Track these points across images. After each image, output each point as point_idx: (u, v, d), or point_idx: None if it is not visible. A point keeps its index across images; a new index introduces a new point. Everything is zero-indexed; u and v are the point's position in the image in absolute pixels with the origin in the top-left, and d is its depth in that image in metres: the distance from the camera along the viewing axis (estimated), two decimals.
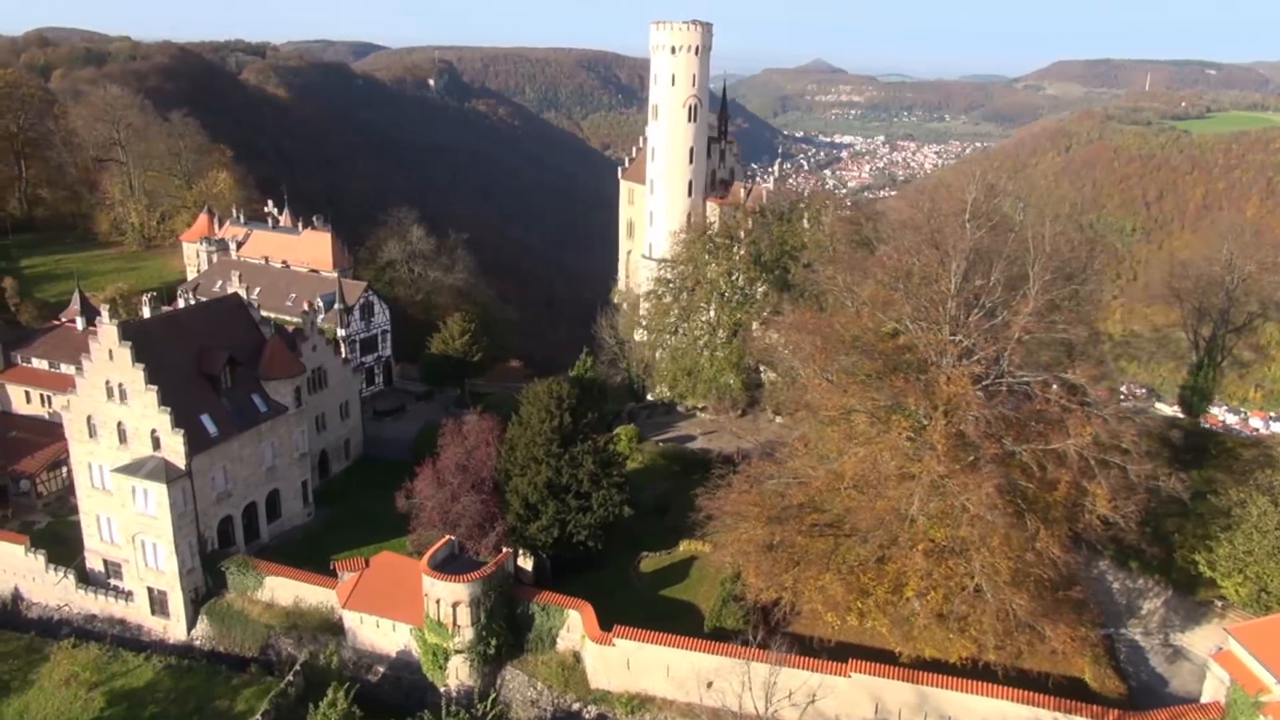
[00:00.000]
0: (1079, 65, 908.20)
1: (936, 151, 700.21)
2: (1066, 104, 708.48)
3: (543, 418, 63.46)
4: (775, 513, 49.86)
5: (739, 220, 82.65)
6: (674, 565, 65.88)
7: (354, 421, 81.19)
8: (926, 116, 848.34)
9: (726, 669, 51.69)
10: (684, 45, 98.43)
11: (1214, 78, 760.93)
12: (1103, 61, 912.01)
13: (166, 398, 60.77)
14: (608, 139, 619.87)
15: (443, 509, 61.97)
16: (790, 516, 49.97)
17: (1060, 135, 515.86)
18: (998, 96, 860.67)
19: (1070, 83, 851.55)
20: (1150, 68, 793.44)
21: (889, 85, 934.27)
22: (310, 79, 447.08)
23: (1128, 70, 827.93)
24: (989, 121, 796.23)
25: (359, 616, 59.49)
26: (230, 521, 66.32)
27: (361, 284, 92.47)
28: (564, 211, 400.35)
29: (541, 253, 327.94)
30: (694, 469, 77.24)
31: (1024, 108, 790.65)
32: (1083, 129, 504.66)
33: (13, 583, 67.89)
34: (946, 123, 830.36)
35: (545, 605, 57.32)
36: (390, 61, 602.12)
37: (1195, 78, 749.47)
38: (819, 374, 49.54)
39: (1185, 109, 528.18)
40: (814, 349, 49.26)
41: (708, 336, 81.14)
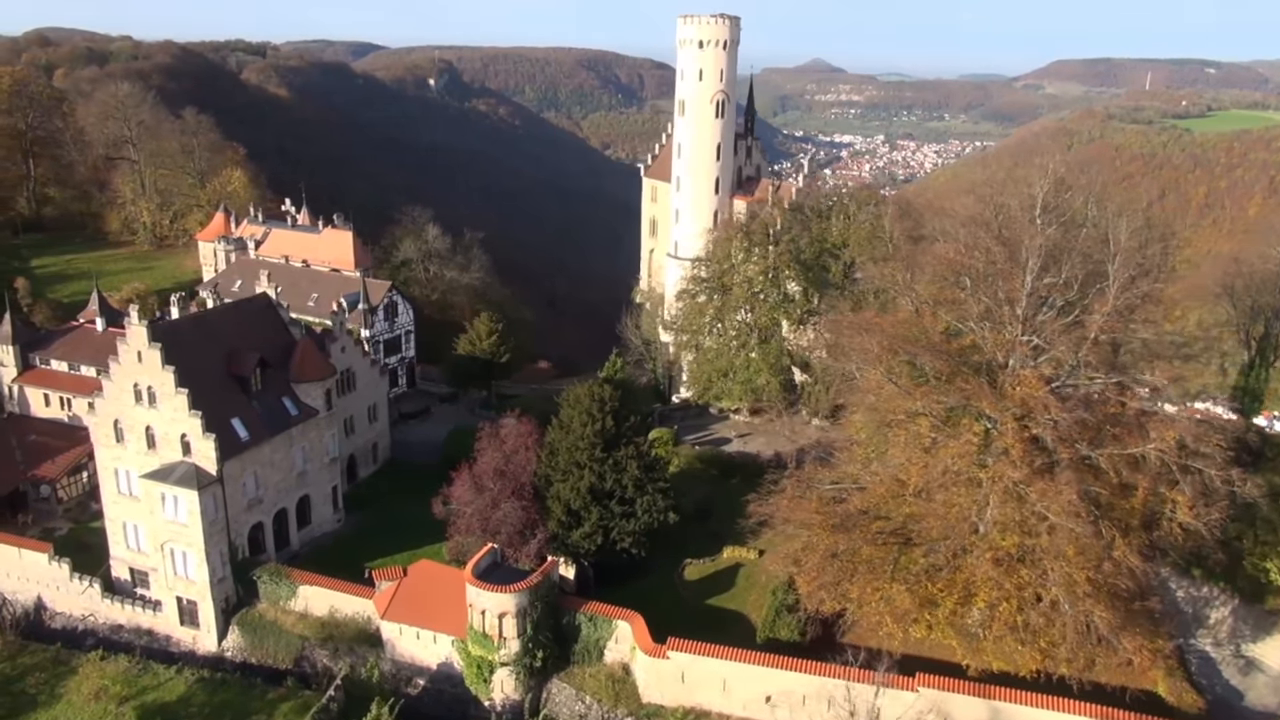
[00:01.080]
0: (1078, 64, 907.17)
1: (936, 151, 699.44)
2: (1065, 103, 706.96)
3: (584, 421, 61.54)
4: (839, 520, 47.86)
5: (777, 217, 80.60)
6: (719, 573, 64.05)
7: (381, 424, 79.25)
8: (926, 116, 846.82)
9: (787, 683, 49.97)
10: (712, 40, 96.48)
11: (1213, 76, 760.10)
12: (1102, 60, 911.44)
13: (197, 401, 58.81)
14: (608, 139, 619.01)
15: (482, 516, 60.03)
16: (854, 524, 48.02)
17: (1061, 134, 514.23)
18: (997, 96, 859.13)
19: (1069, 82, 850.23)
20: (1149, 67, 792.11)
21: (888, 84, 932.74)
22: (311, 79, 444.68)
23: (1127, 69, 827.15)
24: (988, 121, 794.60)
25: (398, 627, 57.54)
26: (261, 529, 64.38)
27: (385, 284, 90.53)
28: (564, 211, 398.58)
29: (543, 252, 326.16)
30: (732, 472, 75.65)
31: (1023, 107, 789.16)
32: (1084, 128, 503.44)
33: (35, 592, 65.87)
34: (946, 122, 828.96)
35: (593, 616, 55.39)
36: (390, 61, 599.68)
37: (1194, 77, 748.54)
38: (885, 375, 47.60)
39: (1186, 108, 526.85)
40: (880, 349, 47.33)
41: (744, 337, 79.18)
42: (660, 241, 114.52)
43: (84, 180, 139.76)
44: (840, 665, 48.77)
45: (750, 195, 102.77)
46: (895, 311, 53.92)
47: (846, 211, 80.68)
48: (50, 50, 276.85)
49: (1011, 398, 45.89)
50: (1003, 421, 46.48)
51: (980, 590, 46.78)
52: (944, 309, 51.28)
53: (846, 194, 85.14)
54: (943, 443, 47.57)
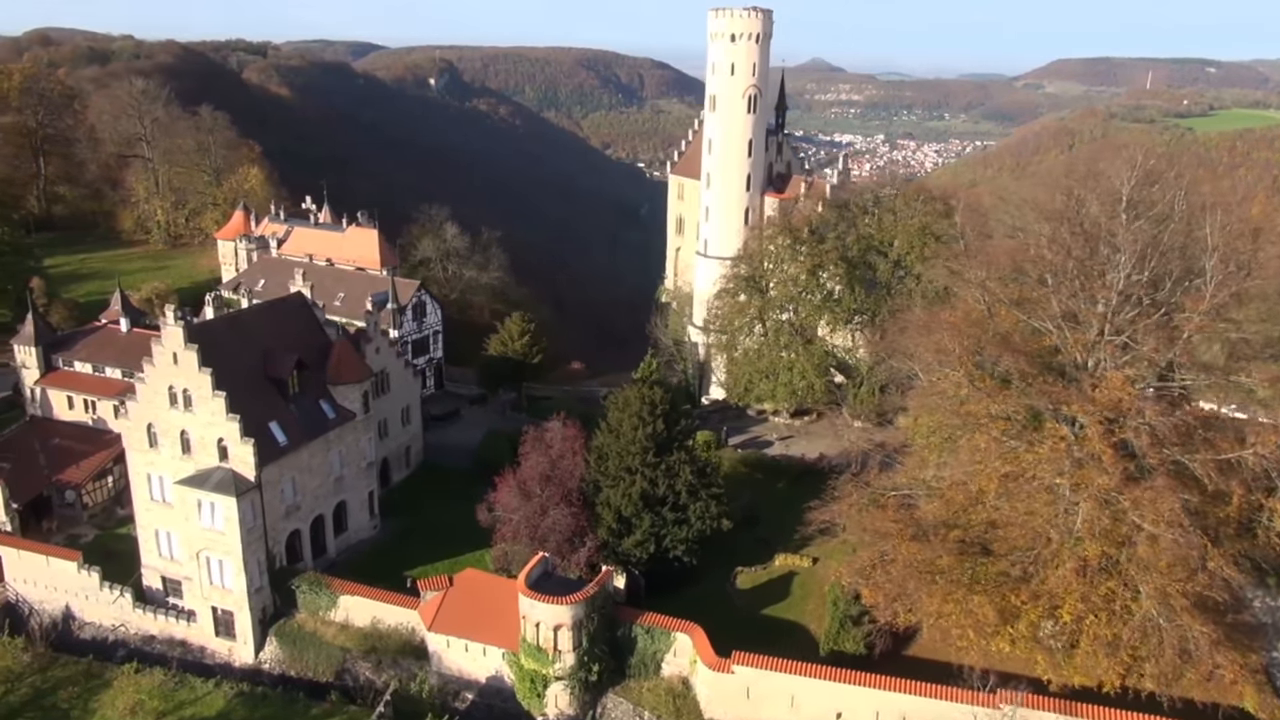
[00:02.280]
0: (1078, 63, 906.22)
1: (937, 150, 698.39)
2: (1066, 102, 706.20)
3: (634, 425, 59.49)
4: (918, 530, 45.82)
5: (823, 214, 78.62)
6: (772, 581, 62.07)
7: (415, 427, 77.11)
8: (926, 115, 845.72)
9: (859, 699, 47.93)
10: (744, 33, 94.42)
11: (1214, 75, 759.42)
12: (1102, 60, 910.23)
13: (235, 404, 56.62)
14: (608, 138, 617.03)
15: (530, 523, 57.99)
16: (933, 533, 45.98)
17: (1063, 133, 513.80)
18: (997, 95, 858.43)
19: (1069, 81, 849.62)
20: (1150, 66, 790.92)
21: (888, 84, 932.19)
22: (312, 78, 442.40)
23: (1127, 68, 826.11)
24: (989, 120, 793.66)
25: (446, 639, 55.39)
26: (298, 536, 62.24)
27: (413, 283, 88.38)
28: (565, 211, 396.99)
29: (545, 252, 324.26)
30: (777, 476, 73.80)
31: (1023, 106, 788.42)
32: (1085, 127, 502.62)
33: (64, 601, 63.65)
34: (946, 121, 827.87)
35: (650, 627, 53.30)
36: (390, 61, 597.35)
37: (1195, 76, 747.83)
38: (966, 377, 45.56)
39: (1188, 107, 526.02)
40: (963, 350, 45.29)
41: (787, 337, 77.14)
42: (687, 240, 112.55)
43: (95, 178, 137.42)
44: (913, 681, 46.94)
45: (782, 192, 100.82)
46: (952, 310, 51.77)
47: (892, 208, 78.68)
48: (52, 50, 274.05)
49: (1100, 400, 43.87)
50: (1089, 425, 44.49)
51: (1065, 602, 44.76)
52: (1019, 307, 49.25)
53: (892, 190, 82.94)
54: (1024, 448, 45.61)
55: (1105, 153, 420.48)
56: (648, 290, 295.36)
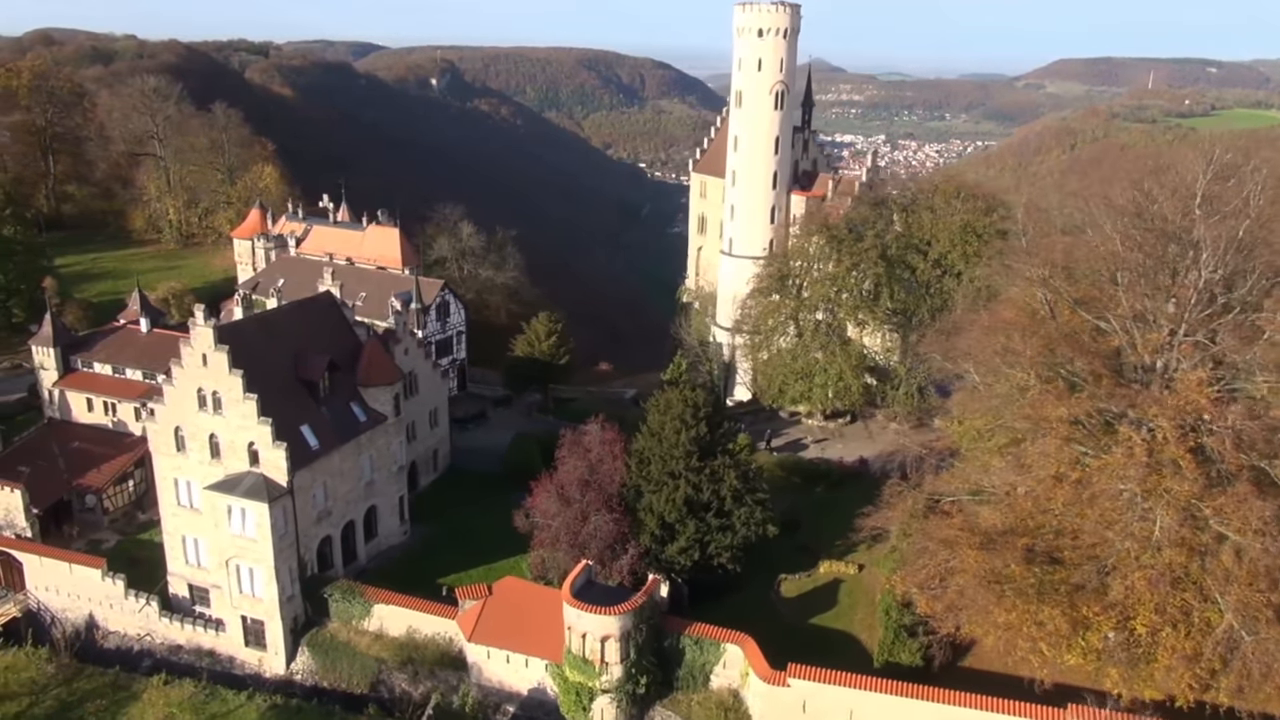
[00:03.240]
0: (1079, 64, 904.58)
1: (938, 150, 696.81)
2: (1067, 102, 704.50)
3: (677, 428, 57.73)
4: (987, 539, 44.05)
5: (861, 212, 76.86)
6: (818, 589, 60.32)
7: (442, 430, 75.36)
8: (927, 115, 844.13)
9: (922, 714, 46.18)
10: (771, 28, 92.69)
11: (1215, 76, 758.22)
12: (1103, 60, 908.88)
13: (266, 407, 54.84)
14: (609, 138, 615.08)
15: (570, 529, 56.18)
16: (1003, 542, 44.20)
17: (1065, 133, 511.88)
18: (998, 95, 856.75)
19: (1071, 81, 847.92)
20: (1151, 66, 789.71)
21: (889, 84, 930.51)
22: (314, 78, 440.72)
23: (1128, 69, 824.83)
24: (990, 120, 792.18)
25: (486, 650, 53.66)
26: (329, 543, 60.48)
27: (438, 282, 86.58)
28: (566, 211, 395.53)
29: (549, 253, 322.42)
30: (815, 480, 72.02)
31: (1025, 106, 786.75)
32: (1088, 127, 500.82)
33: (87, 610, 61.88)
34: (947, 121, 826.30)
35: (699, 638, 51.57)
36: (392, 61, 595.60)
37: (1196, 76, 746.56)
38: (1037, 379, 43.82)
39: (1190, 107, 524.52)
40: (1036, 351, 43.54)
41: (823, 338, 75.42)
42: (709, 238, 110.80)
43: (105, 177, 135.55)
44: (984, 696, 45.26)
45: (808, 190, 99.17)
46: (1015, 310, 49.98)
47: (931, 205, 76.97)
48: (55, 49, 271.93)
49: (1172, 404, 42.11)
50: (1165, 430, 42.71)
51: (1138, 613, 43.01)
52: (1083, 307, 47.53)
53: (931, 187, 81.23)
54: (1095, 453, 43.90)
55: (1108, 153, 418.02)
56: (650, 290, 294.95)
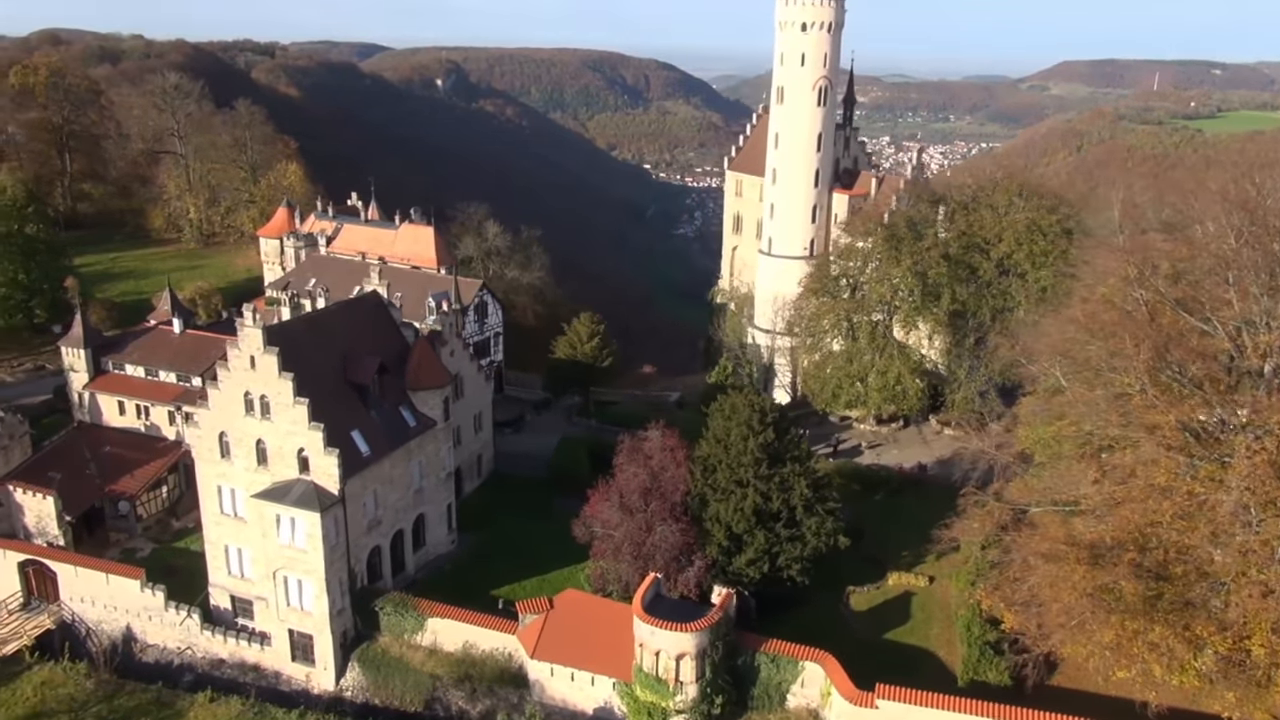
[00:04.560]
0: (1084, 65, 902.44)
1: (942, 152, 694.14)
2: (1071, 104, 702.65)
3: (744, 434, 55.27)
4: (1093, 553, 41.59)
5: (921, 210, 74.43)
6: (889, 602, 57.98)
7: (486, 435, 72.94)
8: (931, 117, 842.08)
9: None
10: (816, 22, 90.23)
11: (1219, 77, 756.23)
12: (1107, 62, 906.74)
13: (317, 412, 52.40)
14: (614, 140, 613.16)
15: (634, 540, 53.69)
16: (1111, 557, 41.74)
17: (1071, 135, 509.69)
18: (1002, 97, 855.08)
19: (1075, 83, 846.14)
20: (1155, 68, 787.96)
21: (893, 86, 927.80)
22: (319, 79, 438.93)
23: (1133, 70, 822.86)
24: (994, 122, 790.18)
25: (549, 667, 51.15)
26: (378, 553, 58.03)
27: (476, 282, 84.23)
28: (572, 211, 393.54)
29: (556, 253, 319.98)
30: (874, 487, 69.56)
31: (1029, 108, 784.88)
32: (1094, 128, 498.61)
33: (124, 622, 59.34)
34: (951, 123, 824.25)
35: (775, 656, 49.12)
36: (397, 62, 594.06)
37: (1201, 77, 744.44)
38: (1147, 384, 41.37)
39: (1195, 108, 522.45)
40: (1150, 354, 41.09)
41: (880, 340, 73.03)
42: (745, 238, 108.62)
43: (123, 175, 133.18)
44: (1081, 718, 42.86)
45: (850, 188, 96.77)
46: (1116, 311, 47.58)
47: (991, 202, 74.58)
48: (62, 49, 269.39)
49: None
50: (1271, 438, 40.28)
51: (1255, 633, 40.56)
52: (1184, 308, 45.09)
53: (992, 185, 78.80)
54: (1206, 462, 41.44)
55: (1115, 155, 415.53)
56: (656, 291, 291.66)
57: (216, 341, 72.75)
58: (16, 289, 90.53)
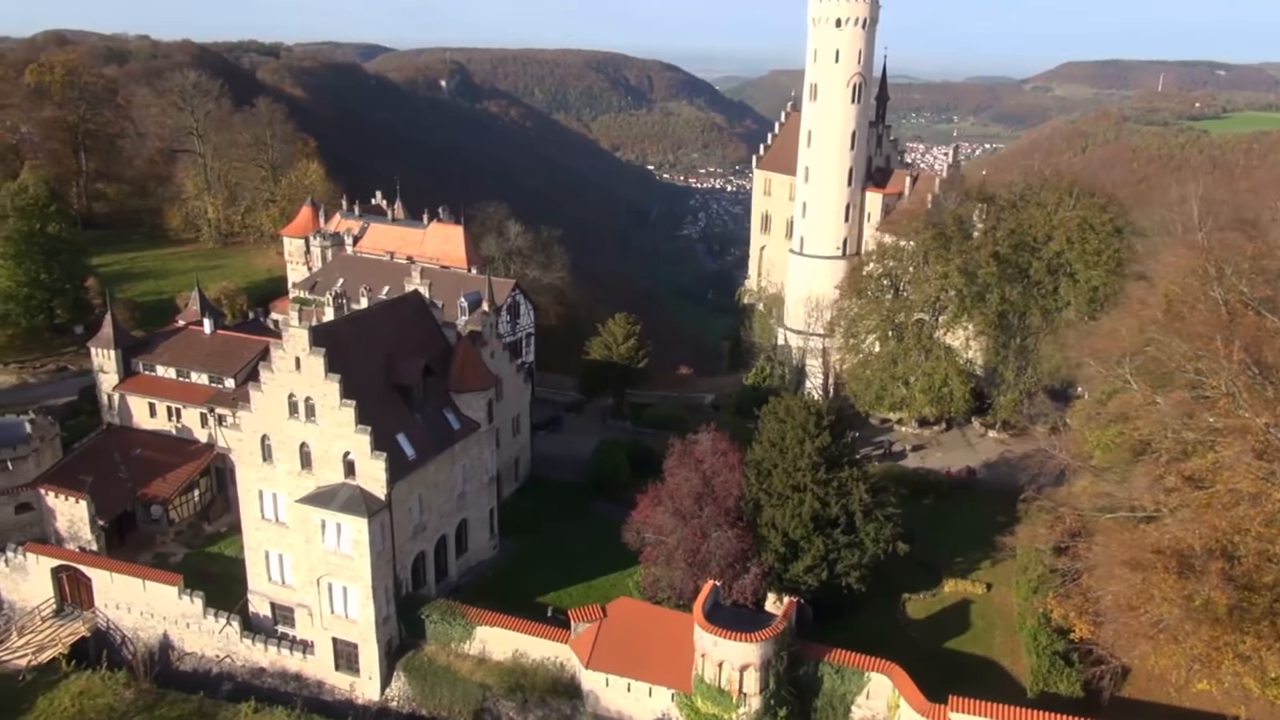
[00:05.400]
0: (1087, 66, 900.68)
1: (945, 153, 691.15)
2: (1075, 105, 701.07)
3: (800, 438, 53.86)
4: (1182, 562, 40.14)
5: (969, 208, 72.98)
6: (946, 610, 56.60)
7: (524, 437, 71.58)
8: (934, 118, 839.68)
9: None
10: (850, 18, 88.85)
11: (1223, 78, 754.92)
12: (1111, 63, 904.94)
13: (362, 414, 50.95)
14: (617, 140, 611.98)
15: (689, 546, 52.30)
16: (1198, 565, 40.30)
17: (1076, 136, 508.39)
18: (1006, 98, 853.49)
19: (1078, 84, 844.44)
20: (1159, 69, 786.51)
21: (896, 87, 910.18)
22: (324, 79, 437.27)
23: (1136, 71, 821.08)
24: (998, 123, 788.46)
25: (604, 678, 49.66)
26: (422, 559, 56.58)
27: (509, 282, 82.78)
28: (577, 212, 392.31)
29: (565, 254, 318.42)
30: (922, 491, 68.10)
31: (1032, 109, 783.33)
32: (1098, 129, 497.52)
33: (161, 629, 57.84)
34: (955, 124, 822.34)
35: (840, 666, 47.67)
36: (401, 63, 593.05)
37: (1205, 78, 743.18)
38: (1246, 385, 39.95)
39: (1200, 109, 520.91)
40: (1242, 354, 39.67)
41: (926, 341, 71.60)
42: (774, 238, 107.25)
43: (140, 175, 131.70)
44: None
45: (883, 187, 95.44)
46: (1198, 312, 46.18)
47: (1039, 200, 73.14)
48: (68, 50, 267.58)
49: None
50: None
51: None
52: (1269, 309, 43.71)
53: (1040, 182, 77.39)
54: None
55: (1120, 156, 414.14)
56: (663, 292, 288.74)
57: (248, 342, 71.54)
58: (38, 289, 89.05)
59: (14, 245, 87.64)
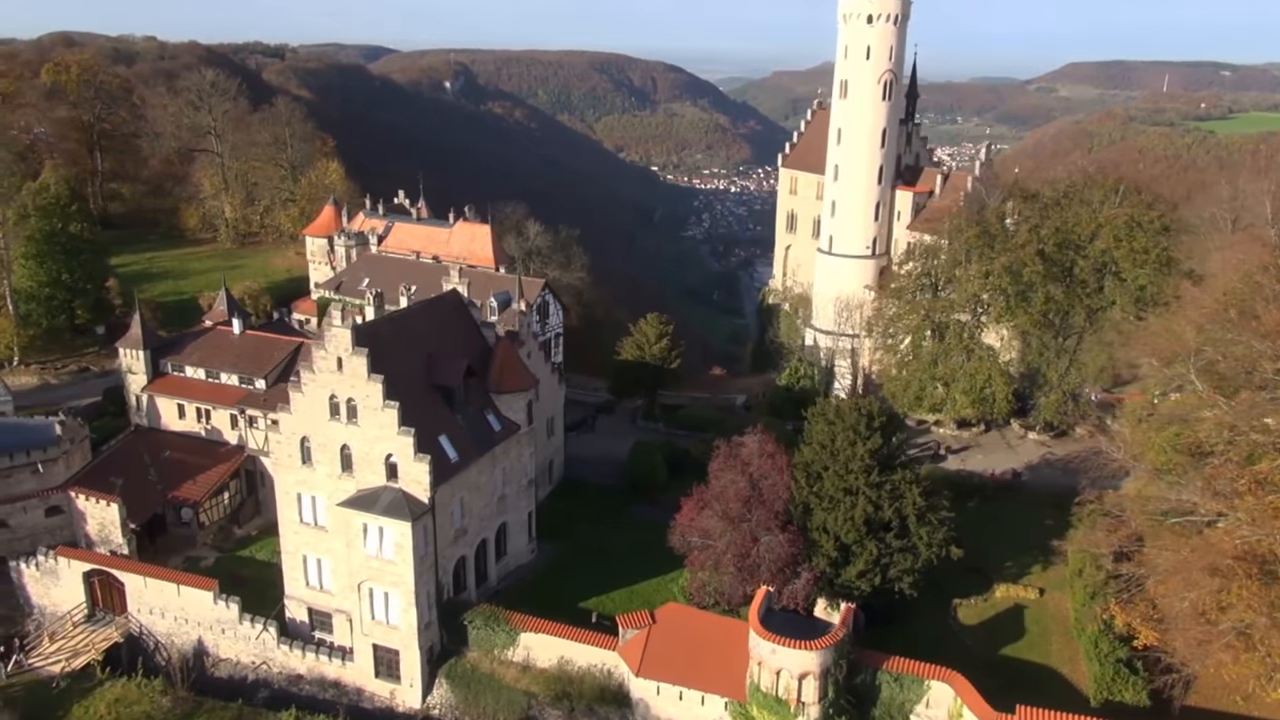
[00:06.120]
0: (1091, 67, 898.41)
1: (949, 154, 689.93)
2: (1079, 106, 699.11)
3: (851, 439, 52.61)
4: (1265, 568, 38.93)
5: (1014, 205, 71.75)
6: (999, 616, 55.39)
7: (558, 439, 70.50)
8: (939, 119, 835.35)
9: None
10: (882, 14, 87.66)
11: (1229, 79, 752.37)
12: (1116, 63, 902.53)
13: (406, 416, 49.81)
14: (621, 141, 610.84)
15: (738, 550, 51.09)
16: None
17: (1081, 136, 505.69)
18: (1010, 98, 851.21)
19: (1083, 84, 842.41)
20: (1164, 69, 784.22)
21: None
22: (330, 80, 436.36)
23: (1140, 72, 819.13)
24: (1002, 124, 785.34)
25: (655, 685, 48.48)
26: (463, 564, 55.44)
27: (538, 281, 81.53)
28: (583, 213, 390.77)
29: None
30: (965, 494, 66.77)
31: (1036, 109, 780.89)
32: (1104, 130, 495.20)
33: (195, 635, 56.75)
34: (959, 125, 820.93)
35: (899, 675, 46.49)
36: (405, 64, 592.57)
37: (1210, 79, 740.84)
38: None
39: (1206, 110, 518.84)
40: None
41: (969, 339, 70.42)
42: (800, 237, 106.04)
43: (156, 175, 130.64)
44: None
45: (913, 185, 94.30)
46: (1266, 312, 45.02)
47: (1083, 197, 71.98)
48: (75, 51, 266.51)
49: None
50: None
51: None
52: None
53: (1084, 180, 76.22)
54: None
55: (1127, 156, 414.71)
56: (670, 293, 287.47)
57: (279, 342, 70.45)
58: (60, 289, 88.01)
59: (35, 245, 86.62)
